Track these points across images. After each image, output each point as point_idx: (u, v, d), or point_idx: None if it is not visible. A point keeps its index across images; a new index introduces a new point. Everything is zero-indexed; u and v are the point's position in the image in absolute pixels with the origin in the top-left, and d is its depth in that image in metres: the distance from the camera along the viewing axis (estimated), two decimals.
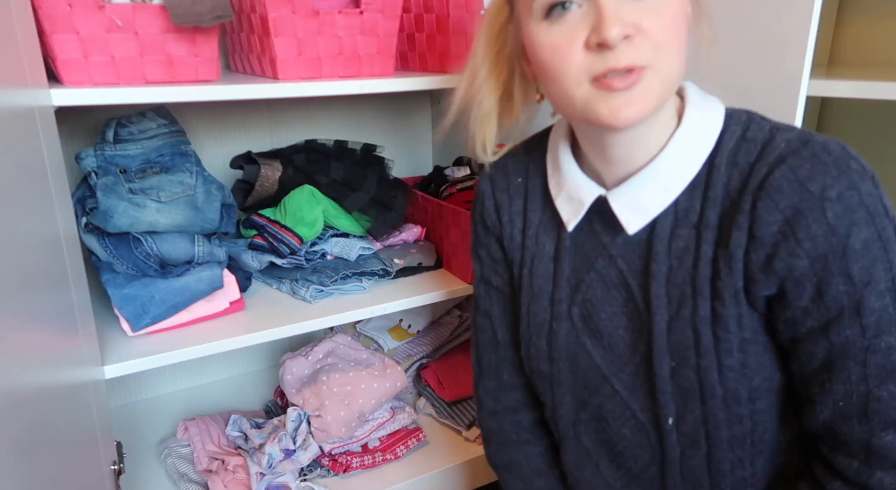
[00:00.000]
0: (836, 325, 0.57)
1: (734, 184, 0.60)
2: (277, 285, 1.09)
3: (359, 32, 0.92)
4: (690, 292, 0.63)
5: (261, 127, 1.31)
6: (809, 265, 0.56)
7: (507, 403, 0.85)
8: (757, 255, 0.58)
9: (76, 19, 0.76)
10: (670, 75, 0.58)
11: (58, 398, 0.56)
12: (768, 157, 0.58)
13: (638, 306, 0.67)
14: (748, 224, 0.58)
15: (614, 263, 0.68)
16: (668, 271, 0.64)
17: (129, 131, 0.95)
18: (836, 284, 0.56)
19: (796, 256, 0.56)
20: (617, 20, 0.55)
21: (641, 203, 0.64)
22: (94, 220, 0.87)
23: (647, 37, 0.56)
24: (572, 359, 0.73)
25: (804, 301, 0.58)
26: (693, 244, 0.63)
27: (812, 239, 0.55)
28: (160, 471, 1.13)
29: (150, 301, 0.90)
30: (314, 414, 1.10)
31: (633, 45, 0.56)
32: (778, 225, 0.57)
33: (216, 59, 0.86)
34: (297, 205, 1.07)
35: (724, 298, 0.61)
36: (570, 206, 0.69)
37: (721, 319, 0.61)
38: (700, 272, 0.62)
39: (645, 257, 0.66)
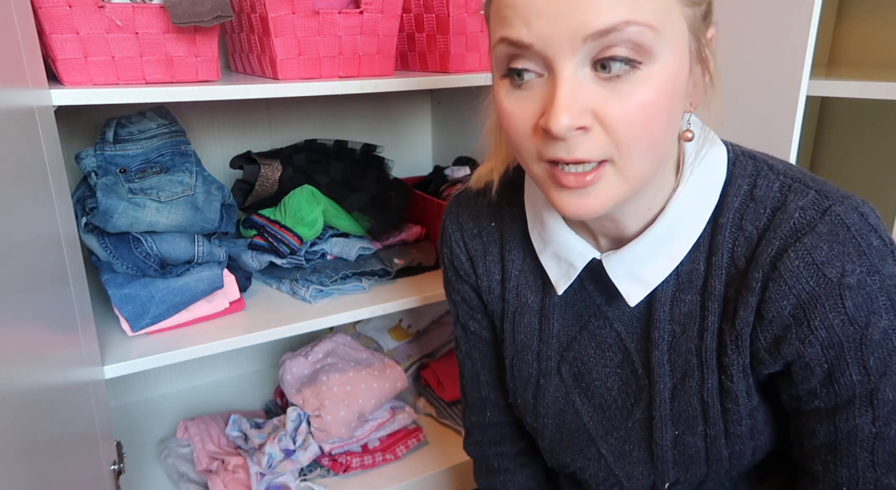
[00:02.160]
0: (844, 412, 0.54)
1: (740, 251, 0.55)
2: (277, 285, 1.09)
3: (359, 32, 0.92)
4: (696, 363, 0.59)
5: (261, 127, 1.31)
6: (822, 352, 0.52)
7: (491, 436, 0.82)
8: (764, 337, 0.54)
9: (76, 19, 0.76)
10: (637, 172, 0.49)
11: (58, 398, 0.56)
12: (781, 228, 0.52)
13: (636, 370, 0.63)
14: (757, 304, 0.54)
15: (610, 326, 0.63)
16: (671, 339, 0.60)
17: (129, 131, 0.95)
18: (850, 374, 0.52)
19: (808, 344, 0.52)
20: (568, 108, 0.45)
21: (643, 273, 0.58)
22: (94, 220, 0.87)
23: (609, 130, 0.46)
24: (559, 416, 0.69)
25: (812, 384, 0.55)
26: (698, 312, 0.58)
27: (828, 328, 0.51)
28: (160, 471, 1.13)
29: (150, 301, 0.90)
30: (314, 414, 1.10)
31: (588, 137, 0.47)
32: (790, 309, 0.52)
33: (216, 59, 0.86)
34: (297, 205, 1.07)
35: (731, 374, 0.57)
36: (559, 268, 0.63)
37: (730, 393, 0.58)
38: (706, 344, 0.58)
39: (645, 323, 0.61)
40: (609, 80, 0.46)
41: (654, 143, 0.48)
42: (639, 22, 0.44)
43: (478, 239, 0.70)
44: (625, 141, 0.47)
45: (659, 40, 0.45)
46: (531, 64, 0.48)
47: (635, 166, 0.49)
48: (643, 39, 0.44)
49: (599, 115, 0.46)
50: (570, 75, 0.46)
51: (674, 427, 0.62)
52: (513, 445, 0.82)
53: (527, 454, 0.82)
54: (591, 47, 0.45)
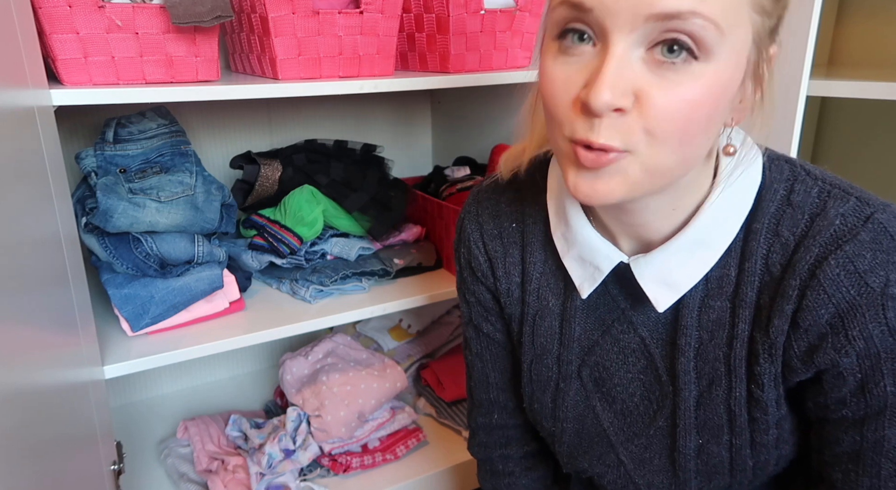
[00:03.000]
0: (873, 422, 0.53)
1: (776, 258, 0.53)
2: (277, 285, 1.09)
3: (359, 32, 0.92)
4: (724, 371, 0.57)
5: (261, 127, 1.31)
6: (857, 362, 0.51)
7: (496, 439, 0.80)
8: (798, 345, 0.53)
9: (76, 19, 0.76)
10: (659, 166, 0.47)
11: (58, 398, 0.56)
12: (820, 235, 0.51)
13: (660, 377, 0.61)
14: (793, 311, 0.52)
15: (634, 330, 0.62)
16: (697, 345, 0.58)
17: (129, 131, 0.95)
18: (885, 385, 0.51)
19: (844, 354, 0.51)
20: (613, 84, 0.44)
21: (673, 277, 0.56)
22: (94, 220, 0.87)
23: (645, 115, 0.45)
24: (579, 420, 0.67)
25: (842, 393, 0.53)
26: (727, 319, 0.56)
27: (866, 339, 0.50)
28: (160, 471, 1.13)
29: (150, 301, 0.90)
30: (314, 414, 1.10)
31: (621, 122, 0.45)
32: (827, 317, 0.51)
33: (216, 59, 0.86)
34: (297, 205, 1.07)
35: (762, 383, 0.56)
36: (584, 270, 0.60)
37: (759, 402, 0.57)
38: (735, 352, 0.56)
39: (671, 329, 0.59)
40: (660, 66, 0.44)
41: (684, 142, 0.46)
42: (706, 15, 0.42)
43: (498, 240, 0.68)
44: (658, 131, 0.45)
45: (721, 40, 0.43)
46: (587, 30, 0.46)
47: (659, 159, 0.47)
48: (705, 34, 0.43)
49: (641, 99, 0.45)
50: (621, 51, 0.44)
51: (698, 436, 0.60)
52: (518, 448, 0.81)
53: (532, 457, 0.81)
54: (650, 28, 0.43)
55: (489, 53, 1.03)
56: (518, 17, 1.02)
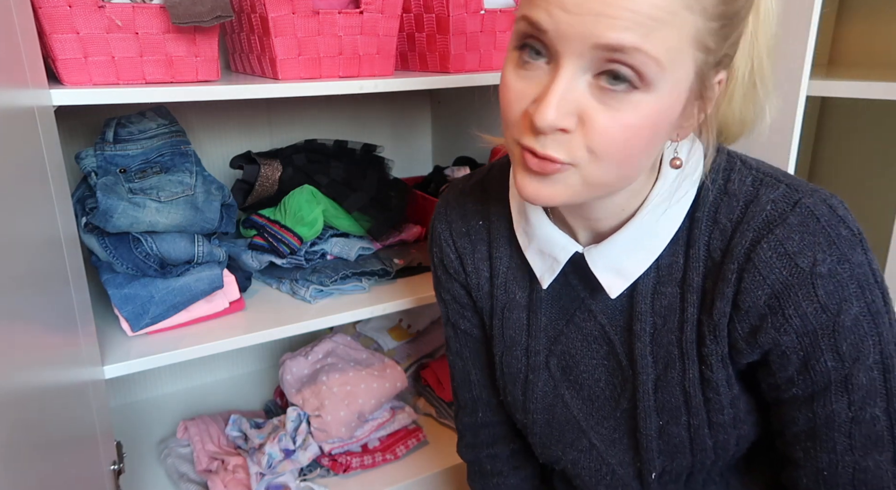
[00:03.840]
0: (821, 398, 0.56)
1: (716, 244, 0.57)
2: (277, 285, 1.09)
3: (359, 32, 0.92)
4: (677, 354, 0.60)
5: (261, 127, 1.31)
6: (797, 340, 0.54)
7: (483, 438, 0.82)
8: (741, 327, 0.56)
9: (76, 19, 0.76)
10: (601, 181, 0.51)
11: (58, 398, 0.56)
12: (753, 221, 0.54)
13: (621, 362, 0.64)
14: (733, 294, 0.55)
15: (594, 318, 0.65)
16: (652, 331, 0.61)
17: (129, 131, 0.95)
18: (825, 360, 0.54)
19: (783, 332, 0.54)
20: (558, 105, 0.47)
21: (623, 265, 0.60)
22: (94, 220, 0.87)
23: (588, 136, 0.48)
24: (549, 410, 0.70)
25: (789, 372, 0.56)
26: (678, 304, 0.60)
27: (801, 316, 0.53)
28: (160, 471, 1.13)
29: (150, 301, 0.90)
30: (314, 414, 1.10)
31: (565, 139, 0.48)
32: (765, 298, 0.54)
33: (216, 59, 0.86)
34: (297, 205, 1.07)
35: (711, 364, 0.59)
36: (543, 262, 0.64)
37: (710, 382, 0.59)
38: (686, 335, 0.59)
39: (627, 315, 0.63)
40: (604, 93, 0.47)
41: (624, 163, 0.50)
42: (648, 52, 0.45)
43: (466, 237, 0.72)
44: (598, 152, 0.48)
45: (661, 76, 0.46)
46: (543, 48, 0.48)
47: (599, 176, 0.50)
48: (647, 70, 0.45)
49: (585, 121, 0.47)
50: (569, 74, 0.47)
51: (658, 417, 0.63)
52: (505, 447, 0.82)
53: (520, 455, 0.83)
54: (597, 57, 0.46)
55: (489, 53, 1.03)
56: None
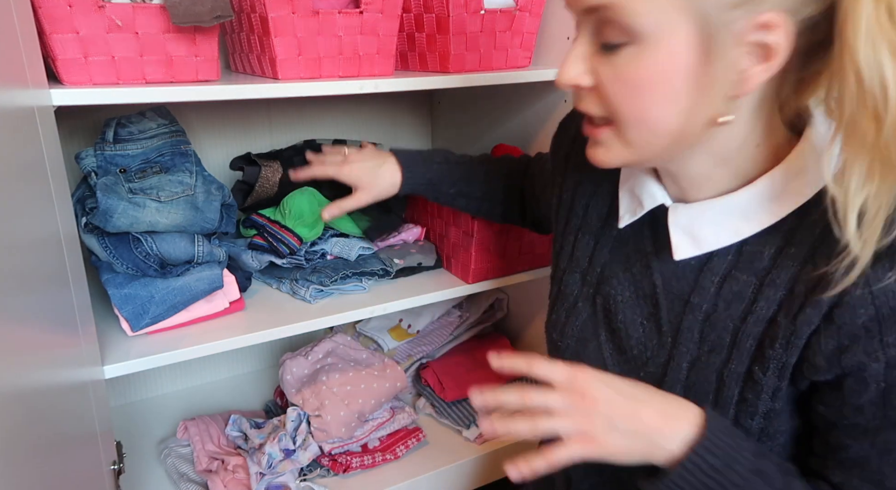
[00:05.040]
0: (886, 432, 0.53)
1: (825, 250, 0.52)
2: (277, 285, 1.09)
3: (359, 32, 0.92)
4: (728, 342, 0.58)
5: (261, 127, 1.31)
6: (884, 370, 0.50)
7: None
8: (827, 343, 0.52)
9: (76, 19, 0.76)
10: (635, 141, 0.53)
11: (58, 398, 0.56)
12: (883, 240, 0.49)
13: (661, 327, 0.63)
14: (830, 307, 0.51)
15: (650, 276, 0.63)
16: (710, 310, 0.59)
17: (129, 131, 0.95)
18: None
19: (874, 358, 0.50)
20: (570, 66, 0.53)
21: (700, 232, 0.58)
22: (94, 220, 0.87)
23: (603, 95, 0.52)
24: (583, 343, 0.69)
25: (861, 400, 0.52)
26: (750, 294, 0.57)
27: None
28: (160, 471, 1.13)
29: (150, 301, 0.90)
30: (314, 414, 1.10)
31: (592, 96, 0.54)
32: (865, 319, 0.50)
33: (216, 59, 0.86)
34: (298, 205, 1.07)
35: (768, 367, 0.55)
36: (630, 202, 0.64)
37: (756, 384, 0.56)
38: (748, 327, 0.56)
39: (689, 285, 0.60)
40: (606, 53, 0.51)
41: (645, 119, 0.52)
42: (617, 5, 0.48)
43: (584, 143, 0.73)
44: (612, 109, 0.53)
45: (642, 23, 0.48)
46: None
47: (631, 135, 0.53)
48: (625, 20, 0.49)
49: (597, 81, 0.53)
50: (583, 38, 0.53)
51: (683, 394, 0.61)
52: None
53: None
54: (591, 20, 0.51)
55: (489, 53, 1.03)
56: (518, 17, 1.02)
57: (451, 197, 1.00)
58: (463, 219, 1.09)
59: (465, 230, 1.09)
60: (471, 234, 1.08)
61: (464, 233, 1.10)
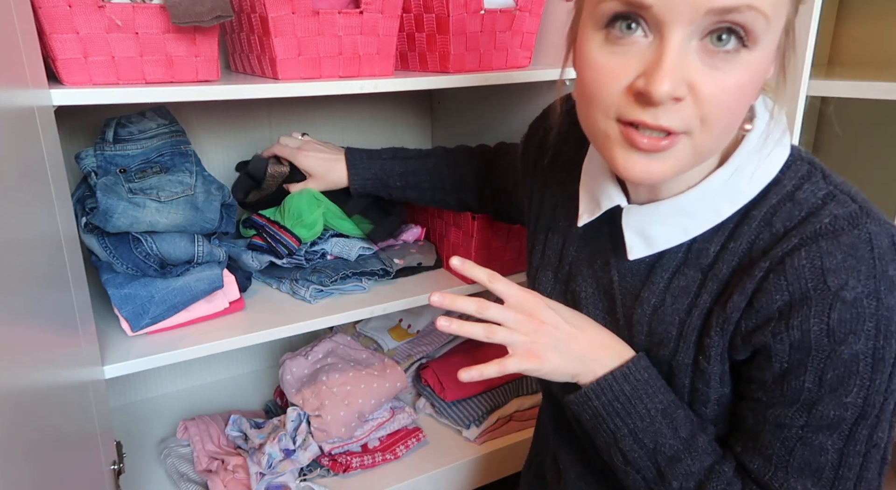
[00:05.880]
0: (780, 408, 0.55)
1: (761, 244, 0.55)
2: (277, 285, 1.09)
3: (359, 32, 0.92)
4: (675, 335, 0.60)
5: (261, 127, 1.31)
6: (787, 352, 0.53)
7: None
8: (746, 324, 0.55)
9: (76, 19, 0.76)
10: (707, 148, 0.51)
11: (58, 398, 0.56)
12: (805, 229, 0.52)
13: (618, 321, 0.65)
14: (752, 291, 0.54)
15: (608, 272, 0.66)
16: (658, 304, 0.61)
17: (129, 131, 0.95)
18: (803, 380, 0.53)
19: (778, 340, 0.53)
20: (672, 75, 0.46)
21: (652, 234, 0.60)
22: (94, 220, 0.87)
23: (699, 103, 0.48)
24: None
25: (764, 375, 0.55)
26: (695, 288, 0.59)
27: (803, 332, 0.51)
28: (160, 471, 1.13)
29: (150, 301, 0.90)
30: (314, 414, 1.10)
31: (678, 108, 0.48)
32: (780, 304, 0.52)
33: (216, 59, 0.86)
34: (298, 206, 1.07)
35: (710, 356, 0.58)
36: (588, 203, 0.66)
37: (703, 374, 0.59)
38: (692, 320, 0.59)
39: (640, 280, 0.63)
40: (711, 55, 0.47)
41: (730, 125, 0.51)
42: (758, 8, 0.45)
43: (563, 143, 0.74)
44: (710, 118, 0.49)
45: (767, 30, 0.47)
46: (640, 21, 0.48)
47: (709, 142, 0.51)
48: (756, 26, 0.46)
49: (695, 87, 0.48)
50: (679, 43, 0.47)
51: None
52: None
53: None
54: (707, 21, 0.46)
55: (489, 53, 1.03)
56: (518, 17, 1.02)
57: (400, 190, 1.04)
58: (463, 219, 1.09)
59: (465, 230, 1.09)
60: (471, 234, 1.08)
61: (464, 233, 1.10)
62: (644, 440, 0.61)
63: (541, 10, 1.05)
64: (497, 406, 1.26)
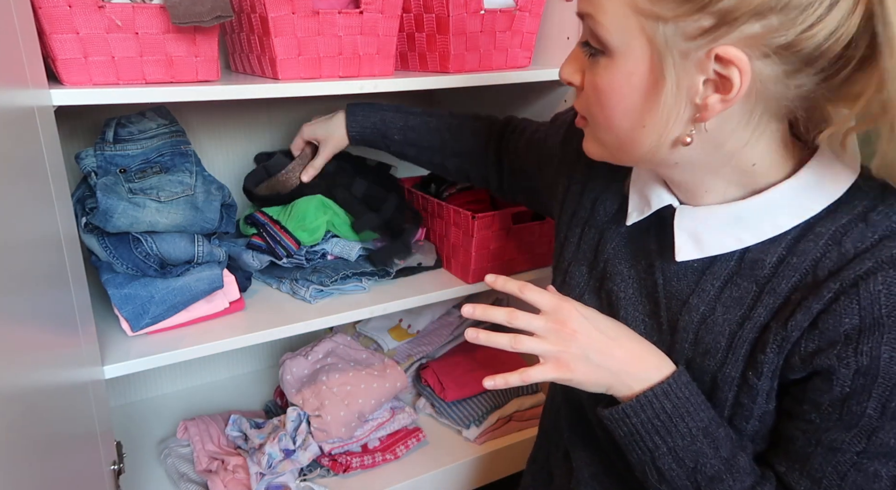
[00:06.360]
0: (837, 433, 0.54)
1: (828, 263, 0.53)
2: (277, 285, 1.09)
3: (359, 32, 0.92)
4: (723, 346, 0.58)
5: (261, 127, 1.31)
6: (852, 377, 0.51)
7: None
8: (807, 345, 0.53)
9: (76, 19, 0.76)
10: (604, 140, 0.59)
11: (58, 398, 0.56)
12: (881, 253, 0.51)
13: (661, 325, 0.64)
14: (818, 312, 0.52)
15: (652, 274, 0.64)
16: (707, 313, 0.60)
17: (129, 131, 0.95)
18: (866, 407, 0.52)
19: (844, 364, 0.51)
20: (567, 64, 0.59)
21: (703, 237, 0.59)
22: (94, 220, 0.87)
23: (583, 95, 0.58)
24: None
25: (822, 399, 0.54)
26: (749, 300, 0.57)
27: (873, 358, 0.50)
28: (160, 471, 1.13)
29: (150, 301, 0.90)
30: (314, 414, 1.10)
31: (580, 96, 0.59)
32: (848, 327, 0.51)
33: (216, 59, 0.86)
34: (304, 209, 1.07)
35: (761, 372, 0.56)
36: (639, 201, 0.65)
37: (751, 389, 0.57)
38: (744, 333, 0.57)
39: (689, 286, 0.61)
40: (590, 57, 0.56)
41: (607, 123, 0.57)
42: (594, 18, 0.53)
43: None
44: (583, 109, 0.59)
45: (615, 40, 0.52)
46: None
47: (600, 135, 0.59)
48: (601, 33, 0.53)
49: (581, 81, 0.58)
50: (581, 40, 0.57)
51: None
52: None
53: None
54: (585, 25, 0.55)
55: (489, 53, 1.03)
56: (518, 17, 1.02)
57: (399, 144, 1.02)
58: (463, 219, 1.09)
59: (465, 230, 1.09)
60: (471, 234, 1.08)
61: (464, 233, 1.10)
62: (685, 460, 0.59)
63: (541, 10, 1.05)
64: (497, 406, 1.26)
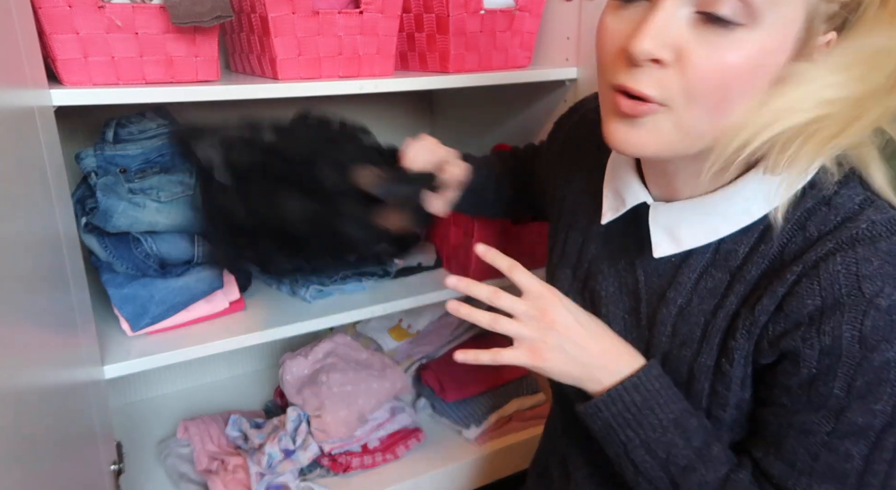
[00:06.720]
0: (806, 414, 0.54)
1: (793, 248, 0.54)
2: (277, 285, 1.09)
3: (359, 32, 0.92)
4: (698, 336, 0.59)
5: None
6: (817, 357, 0.51)
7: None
8: (774, 328, 0.53)
9: (76, 19, 0.76)
10: (693, 128, 0.50)
11: (58, 398, 0.56)
12: (841, 234, 0.51)
13: (640, 320, 0.64)
14: (783, 295, 0.53)
15: (633, 271, 0.65)
16: (684, 304, 0.60)
17: (129, 131, 0.95)
18: (833, 387, 0.51)
19: (809, 346, 0.51)
20: (654, 35, 0.47)
21: (679, 232, 0.59)
22: (94, 220, 0.87)
23: (684, 74, 0.47)
24: None
25: (790, 382, 0.54)
26: (722, 289, 0.58)
27: (835, 338, 0.50)
28: (160, 471, 1.13)
29: (150, 301, 0.90)
30: (314, 414, 1.10)
31: (660, 75, 0.48)
32: (811, 309, 0.51)
33: (216, 59, 0.86)
34: None
35: (733, 359, 0.56)
36: (613, 200, 0.65)
37: (725, 376, 0.57)
38: (717, 322, 0.58)
39: (667, 280, 0.62)
40: (706, 27, 0.46)
41: (720, 107, 0.49)
42: None
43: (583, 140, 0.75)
44: (695, 92, 0.48)
45: (770, 8, 0.45)
46: None
47: (693, 120, 0.50)
48: (759, 2, 0.45)
49: (682, 56, 0.47)
50: (669, 6, 0.47)
51: None
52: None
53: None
54: None
55: (489, 53, 1.03)
56: (518, 17, 1.02)
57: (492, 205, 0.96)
58: (463, 219, 1.09)
59: (466, 230, 1.09)
60: (471, 234, 1.08)
61: (464, 233, 1.10)
62: (657, 451, 0.59)
63: (541, 10, 1.05)
64: (497, 406, 1.26)
